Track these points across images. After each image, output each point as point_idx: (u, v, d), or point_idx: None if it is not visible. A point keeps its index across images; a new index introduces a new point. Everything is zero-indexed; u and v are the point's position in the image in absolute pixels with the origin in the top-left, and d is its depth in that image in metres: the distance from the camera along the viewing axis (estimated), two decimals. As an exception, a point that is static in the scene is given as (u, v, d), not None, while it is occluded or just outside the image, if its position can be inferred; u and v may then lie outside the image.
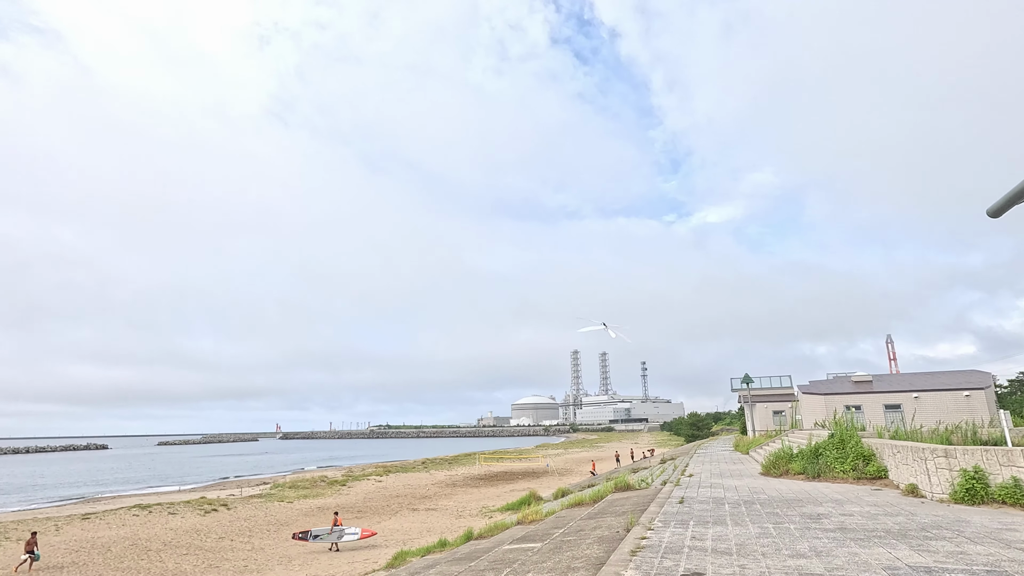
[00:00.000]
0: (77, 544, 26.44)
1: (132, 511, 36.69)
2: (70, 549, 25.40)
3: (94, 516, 35.19)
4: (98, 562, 23.18)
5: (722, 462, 23.47)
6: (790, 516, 9.60)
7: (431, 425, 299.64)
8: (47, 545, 26.01)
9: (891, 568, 6.05)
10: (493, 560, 9.92)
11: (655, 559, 6.78)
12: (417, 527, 29.60)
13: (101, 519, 34.01)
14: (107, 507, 40.59)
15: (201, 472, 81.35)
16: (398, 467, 72.20)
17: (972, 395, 29.28)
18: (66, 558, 23.57)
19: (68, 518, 34.51)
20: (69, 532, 30.03)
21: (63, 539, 27.76)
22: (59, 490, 59.17)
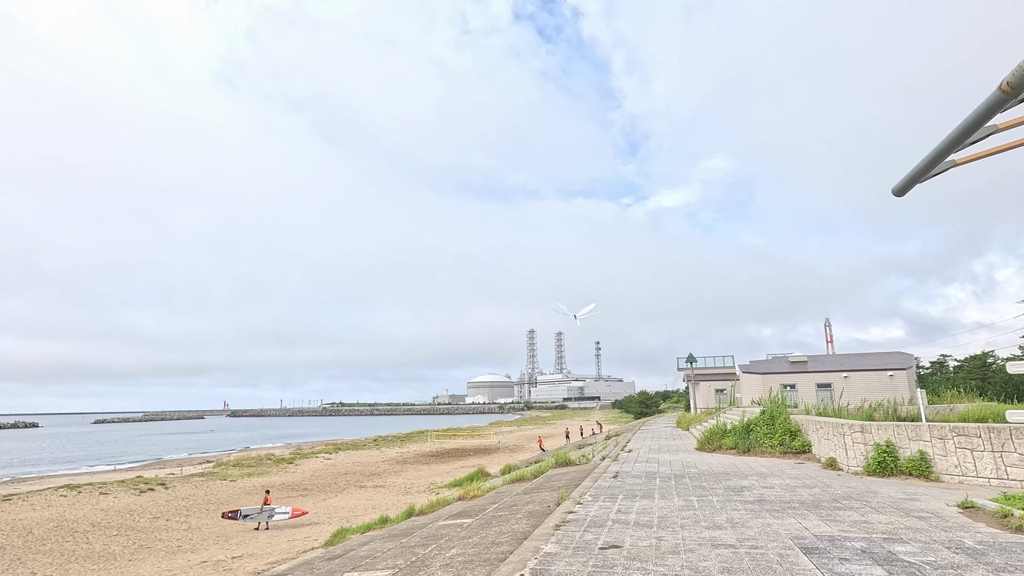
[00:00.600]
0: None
1: (60, 492, 34.88)
2: (-14, 532, 23.93)
3: (16, 497, 33.26)
4: (18, 545, 21.94)
5: (662, 438, 24.21)
6: (715, 489, 9.92)
7: (386, 403, 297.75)
8: (-39, 528, 24.39)
9: (798, 537, 6.30)
10: (425, 536, 9.86)
11: (577, 533, 6.83)
12: (363, 504, 29.39)
13: (24, 500, 32.18)
14: (32, 488, 38.47)
15: (139, 451, 78.17)
16: (348, 445, 71.45)
17: (895, 375, 31.20)
18: (-19, 542, 22.20)
19: (-13, 500, 32.49)
20: (-13, 514, 28.28)
21: (-21, 522, 26.13)
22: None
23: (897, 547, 5.77)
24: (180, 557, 19.40)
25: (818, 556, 5.51)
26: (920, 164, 3.80)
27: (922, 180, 3.95)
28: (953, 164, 3.88)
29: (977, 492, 8.79)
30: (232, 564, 17.35)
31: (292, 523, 24.36)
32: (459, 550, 7.14)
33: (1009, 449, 9.31)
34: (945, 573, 4.90)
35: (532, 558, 5.77)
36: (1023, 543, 5.82)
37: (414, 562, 7.02)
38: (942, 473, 10.14)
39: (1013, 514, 6.69)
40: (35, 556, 20.32)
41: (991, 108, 3.00)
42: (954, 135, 3.38)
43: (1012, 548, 5.64)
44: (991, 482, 9.45)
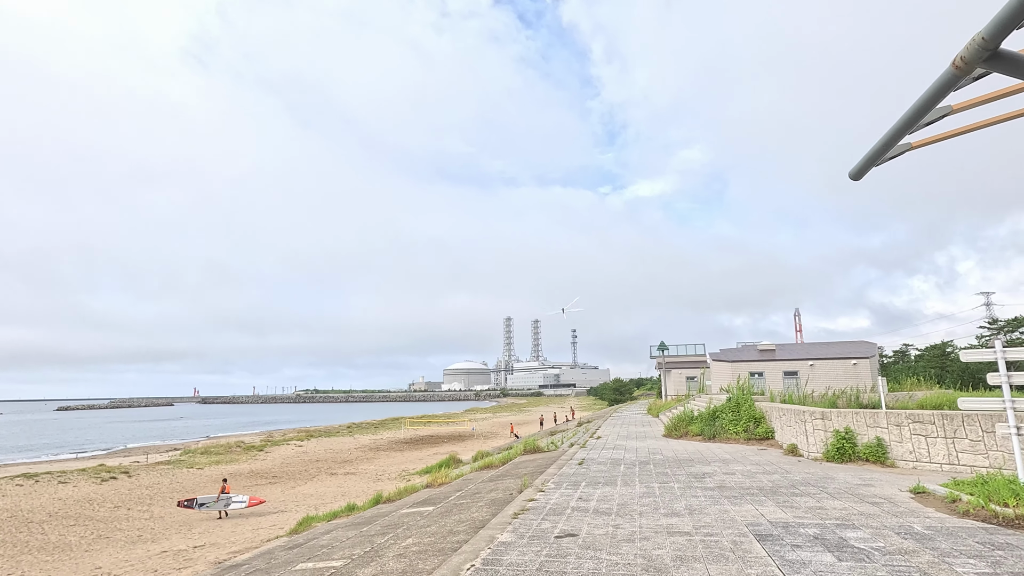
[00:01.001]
0: (-56, 518, 23.95)
1: (16, 481, 33.68)
2: (-66, 523, 22.98)
3: (-32, 487, 32.02)
4: (-32, 537, 21.12)
5: (632, 424, 24.44)
6: (678, 476, 9.97)
7: (361, 390, 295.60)
8: (-93, 520, 23.41)
9: (753, 524, 6.31)
10: (386, 524, 9.70)
11: (535, 521, 6.74)
12: (332, 492, 29.10)
13: (-23, 490, 31.01)
14: (-13, 477, 37.11)
15: (104, 439, 76.14)
16: (321, 431, 70.70)
17: (859, 363, 32.04)
18: (-72, 533, 21.30)
19: (-63, 490, 31.20)
20: (-64, 505, 27.18)
21: (-73, 513, 25.08)
22: (-68, 459, 53.52)
23: (848, 533, 5.81)
24: (140, 547, 18.91)
25: (771, 543, 5.51)
26: (875, 147, 3.70)
27: (878, 163, 3.85)
28: (909, 147, 3.79)
29: (929, 477, 8.98)
30: (193, 554, 16.97)
31: (258, 511, 23.99)
32: (416, 539, 6.99)
33: (960, 435, 9.54)
34: (893, 559, 4.93)
35: (486, 548, 5.65)
36: (969, 527, 5.92)
37: (369, 552, 6.85)
38: (897, 459, 10.37)
39: (961, 499, 6.82)
40: (-15, 548, 19.58)
41: (945, 86, 2.88)
42: (908, 116, 3.27)
43: (958, 533, 5.72)
44: (943, 467, 9.68)
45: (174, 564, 15.79)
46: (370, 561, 6.29)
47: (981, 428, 9.29)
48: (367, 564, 6.16)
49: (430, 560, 5.66)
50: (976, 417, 9.34)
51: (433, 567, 5.33)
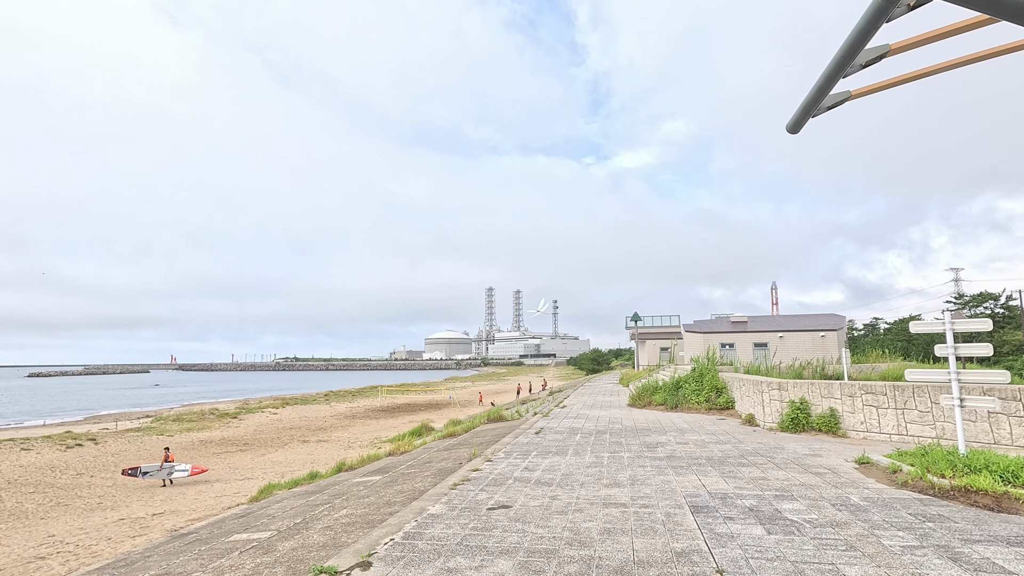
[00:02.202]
0: None
1: (-25, 448, 32.94)
2: None
3: (-76, 454, 31.20)
4: (-82, 504, 20.57)
5: (600, 394, 24.58)
6: (631, 445, 9.89)
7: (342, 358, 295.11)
8: None
9: (692, 495, 6.19)
10: (333, 494, 9.50)
11: (472, 492, 6.55)
12: (302, 459, 28.98)
13: (-67, 457, 30.23)
14: (-54, 444, 36.20)
15: (74, 405, 74.90)
16: (298, 399, 70.45)
17: (827, 335, 32.57)
18: None
19: None
20: None
21: None
22: None
23: (785, 504, 5.72)
24: (98, 514, 18.59)
25: (705, 515, 5.39)
26: (810, 94, 3.37)
27: (815, 113, 3.53)
28: (849, 96, 3.48)
29: (877, 448, 9.03)
30: (151, 521, 16.71)
31: (223, 478, 23.81)
32: (351, 510, 6.78)
33: (911, 406, 9.59)
34: (823, 531, 4.83)
35: (413, 520, 5.44)
36: (904, 499, 5.88)
37: (300, 523, 6.62)
38: (849, 429, 10.43)
39: (901, 469, 6.80)
40: (-64, 516, 19.08)
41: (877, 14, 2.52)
42: (841, 55, 2.92)
43: (893, 504, 5.67)
44: (892, 438, 9.76)
45: (129, 532, 15.53)
46: (297, 533, 6.05)
47: (930, 399, 9.33)
48: (293, 536, 5.93)
49: (355, 533, 5.43)
50: (926, 388, 9.37)
51: (354, 540, 5.11)
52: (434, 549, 4.54)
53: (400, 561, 4.30)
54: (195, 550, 7.25)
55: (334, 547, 5.02)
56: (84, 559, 13.14)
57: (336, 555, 4.62)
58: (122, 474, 23.72)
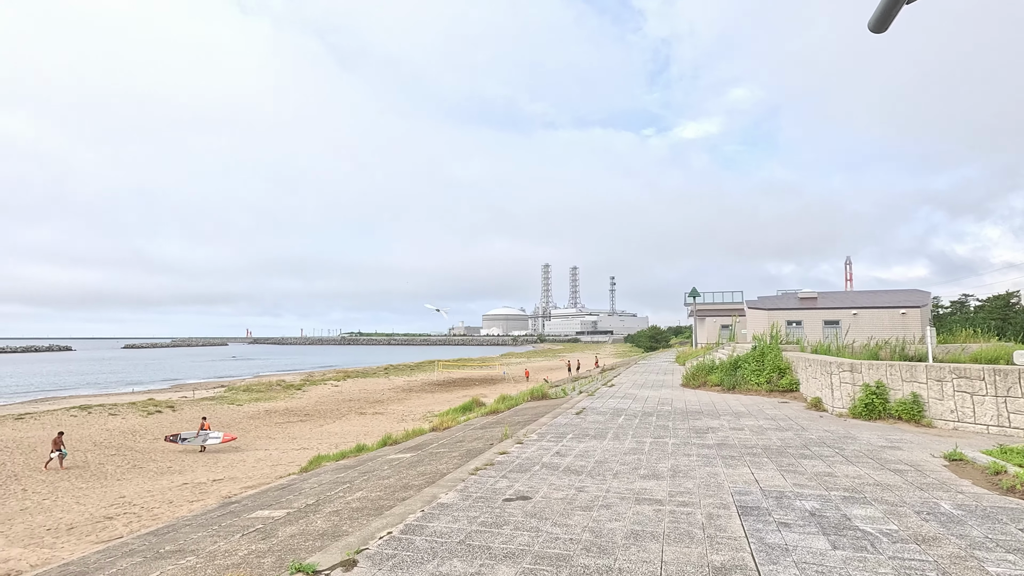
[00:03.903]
0: (1, 444, 25.69)
1: (71, 412, 36.01)
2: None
3: (29, 417, 34.40)
4: (18, 462, 22.57)
5: (653, 373, 23.49)
6: (678, 430, 9.03)
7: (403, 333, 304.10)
8: (-30, 445, 25.21)
9: (742, 492, 5.35)
10: (363, 471, 9.27)
11: (492, 479, 5.99)
12: (357, 430, 29.73)
13: (36, 420, 33.25)
14: (49, 408, 39.86)
15: (160, 374, 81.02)
16: (359, 372, 72.94)
17: (908, 313, 29.72)
18: (-16, 458, 22.86)
19: (0, 419, 33.66)
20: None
21: (-11, 439, 26.97)
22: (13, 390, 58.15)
23: (856, 509, 4.79)
24: (165, 478, 19.67)
25: (754, 519, 4.56)
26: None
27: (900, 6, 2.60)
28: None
29: (972, 441, 7.75)
30: (210, 487, 17.45)
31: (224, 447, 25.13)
32: (366, 492, 6.40)
33: (1016, 394, 8.17)
34: (905, 549, 3.91)
35: (420, 509, 4.94)
36: (1013, 509, 4.79)
37: (312, 505, 6.31)
38: (935, 418, 9.09)
39: (1007, 471, 5.65)
40: (30, 474, 20.84)
41: None
42: None
43: (997, 515, 4.62)
44: (990, 430, 8.39)
45: (189, 496, 16.26)
46: (306, 515, 5.72)
47: (1042, 386, 7.89)
48: (301, 519, 5.59)
49: (357, 521, 5.00)
50: (1037, 373, 7.92)
51: (353, 530, 4.67)
52: (431, 548, 4.00)
53: (389, 562, 3.78)
54: (217, 525, 7.14)
55: (331, 536, 4.60)
56: (145, 521, 13.78)
57: (326, 548, 4.18)
58: (165, 440, 25.35)
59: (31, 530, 13.59)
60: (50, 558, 11.17)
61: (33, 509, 15.84)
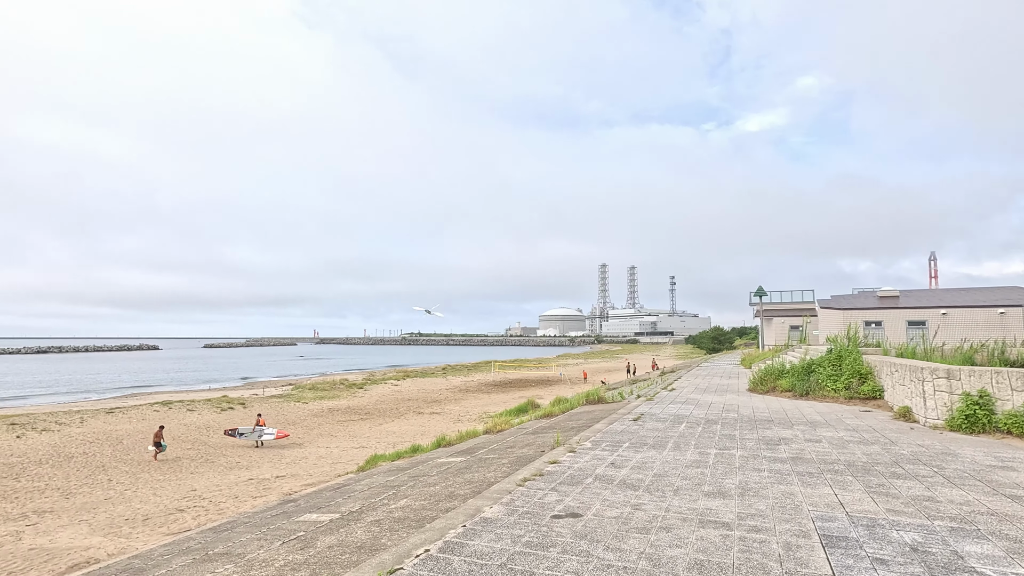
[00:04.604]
0: (94, 436, 27.75)
1: (154, 407, 38.55)
2: (86, 440, 26.66)
3: (119, 411, 37.09)
4: (107, 452, 24.27)
5: (717, 376, 22.30)
6: (746, 440, 8.30)
7: (460, 334, 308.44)
8: (69, 436, 27.38)
9: (825, 518, 4.70)
10: (413, 475, 9.11)
11: (541, 492, 5.59)
12: (414, 430, 30.09)
13: (124, 414, 35.81)
14: (136, 403, 42.91)
15: (235, 372, 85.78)
16: (418, 372, 74.38)
17: (1008, 312, 26.82)
18: (78, 449, 24.74)
19: (95, 413, 36.47)
20: (93, 425, 31.58)
21: (84, 431, 29.22)
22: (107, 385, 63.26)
23: (969, 546, 4.05)
24: (233, 473, 20.51)
25: (842, 552, 3.93)
26: None
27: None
28: None
29: (1104, 462, 6.62)
30: (273, 483, 18.01)
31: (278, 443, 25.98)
32: (410, 500, 6.17)
33: None
34: (1038, 598, 3.20)
35: (462, 524, 4.62)
36: None
37: (357, 511, 6.14)
38: (1055, 433, 7.89)
39: None
40: (116, 465, 22.33)
41: None
42: None
43: None
44: None
45: (254, 492, 16.82)
46: (348, 524, 5.54)
47: None
48: (343, 527, 5.42)
49: (397, 533, 4.75)
50: None
51: (391, 544, 4.41)
52: (468, 571, 3.66)
53: (423, 585, 3.47)
54: (268, 527, 7.13)
55: (368, 550, 4.36)
56: (211, 515, 14.30)
57: (360, 564, 3.93)
58: (224, 434, 26.61)
59: (112, 519, 14.41)
60: (125, 548, 11.74)
61: (116, 499, 16.85)
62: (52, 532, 13.49)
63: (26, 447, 24.39)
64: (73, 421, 31.75)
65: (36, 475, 19.92)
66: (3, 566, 11.09)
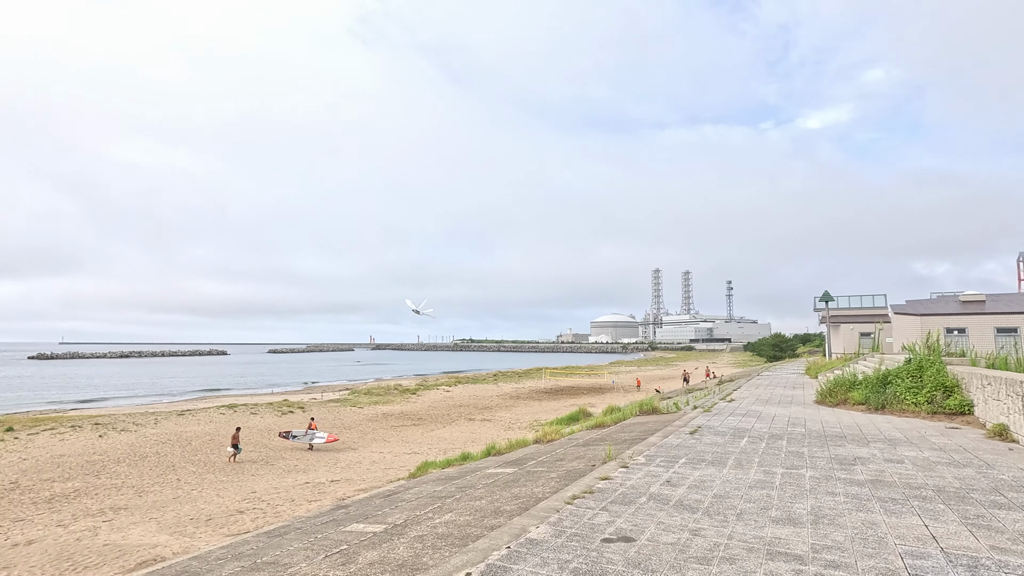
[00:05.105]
0: (166, 437, 29.36)
1: (220, 410, 40.50)
2: (159, 441, 28.24)
3: (188, 413, 39.18)
4: (176, 453, 25.60)
5: (780, 386, 21.07)
6: (816, 459, 7.64)
7: (512, 340, 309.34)
8: (144, 436, 29.09)
9: (916, 553, 4.15)
10: (461, 485, 8.96)
11: (591, 511, 5.27)
12: (465, 437, 30.15)
13: (193, 416, 37.79)
14: (204, 406, 45.26)
15: (296, 376, 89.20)
16: (469, 378, 74.90)
17: (1118, 318, 24.03)
18: (151, 449, 26.22)
19: (168, 414, 38.69)
20: (165, 426, 33.47)
21: (158, 432, 30.99)
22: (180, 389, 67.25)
23: (1097, 594, 3.44)
24: (291, 476, 21.11)
25: (939, 596, 3.41)
26: None
27: None
28: None
29: None
30: (328, 488, 18.37)
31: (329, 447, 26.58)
32: (455, 515, 5.98)
33: None
34: None
35: (506, 546, 4.37)
36: None
37: (401, 525, 6.00)
38: None
39: None
40: (184, 465, 23.49)
41: None
42: None
43: None
44: None
45: (309, 496, 17.20)
46: (391, 538, 5.41)
47: None
48: (383, 543, 5.29)
49: (440, 552, 4.56)
50: None
51: (432, 564, 4.22)
52: (512, 600, 3.40)
53: (462, 614, 3.24)
54: (317, 535, 7.14)
55: (409, 570, 4.18)
56: (268, 518, 14.69)
57: (400, 586, 3.75)
58: (279, 436, 27.57)
59: (178, 518, 15.05)
60: (188, 547, 12.18)
61: (183, 498, 17.64)
62: (125, 529, 14.23)
63: (107, 446, 26.07)
64: (148, 422, 33.75)
65: (114, 473, 21.20)
66: (80, 560, 11.73)
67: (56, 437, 28.34)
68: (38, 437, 28.25)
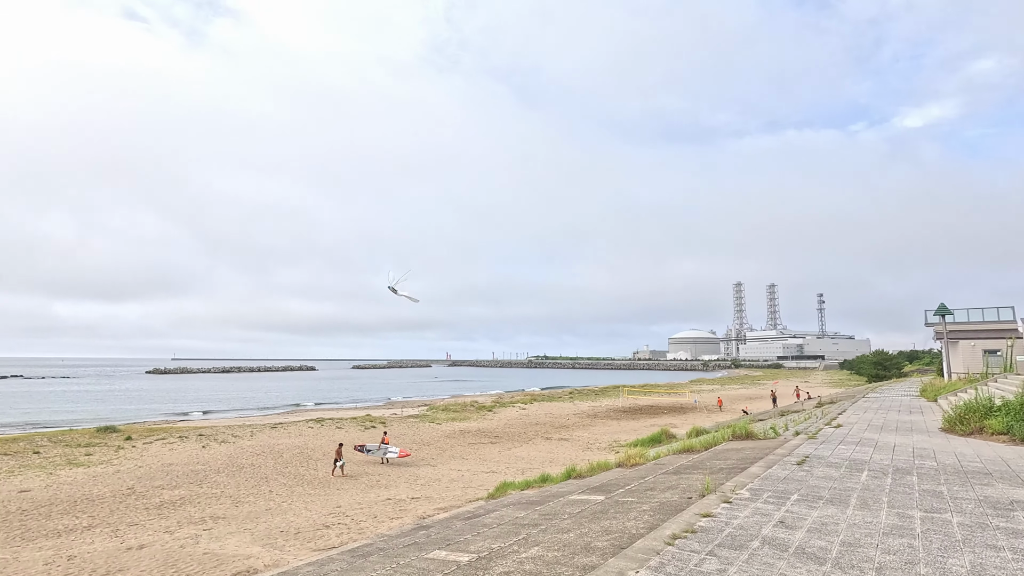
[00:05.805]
0: (260, 449, 31.06)
1: (308, 424, 42.49)
2: (254, 452, 29.90)
3: (281, 427, 41.39)
4: (270, 464, 26.95)
5: (894, 410, 18.89)
6: (960, 500, 6.53)
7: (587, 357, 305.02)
8: (240, 448, 30.94)
9: None
10: (545, 512, 8.53)
11: (695, 555, 4.69)
12: (542, 456, 29.60)
13: (284, 429, 39.88)
14: (295, 419, 47.73)
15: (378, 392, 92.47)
16: (545, 396, 74.30)
17: None
18: (247, 460, 27.78)
19: (262, 427, 41.08)
20: (260, 438, 35.49)
21: (253, 443, 32.89)
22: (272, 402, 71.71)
23: None
24: (373, 492, 21.50)
25: None
26: None
27: None
28: None
29: None
30: (408, 505, 18.48)
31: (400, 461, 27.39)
32: (541, 550, 5.57)
33: None
34: None
35: (604, 593, 3.92)
36: None
37: (487, 557, 5.67)
38: None
39: None
40: (276, 477, 24.63)
41: None
42: None
43: None
44: None
45: (391, 512, 17.35)
46: (481, 570, 5.09)
47: None
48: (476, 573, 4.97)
49: (530, 594, 4.17)
50: None
51: (524, 610, 3.84)
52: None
53: None
54: (399, 560, 6.96)
55: (498, 615, 3.83)
56: (352, 534, 14.89)
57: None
58: (354, 449, 28.42)
59: (269, 530, 15.62)
60: (278, 560, 12.52)
61: (274, 510, 18.37)
62: (222, 538, 14.92)
63: (209, 456, 27.91)
64: (245, 434, 35.92)
65: (215, 482, 22.55)
66: (183, 567, 12.35)
67: (166, 447, 30.69)
68: (151, 446, 30.73)
